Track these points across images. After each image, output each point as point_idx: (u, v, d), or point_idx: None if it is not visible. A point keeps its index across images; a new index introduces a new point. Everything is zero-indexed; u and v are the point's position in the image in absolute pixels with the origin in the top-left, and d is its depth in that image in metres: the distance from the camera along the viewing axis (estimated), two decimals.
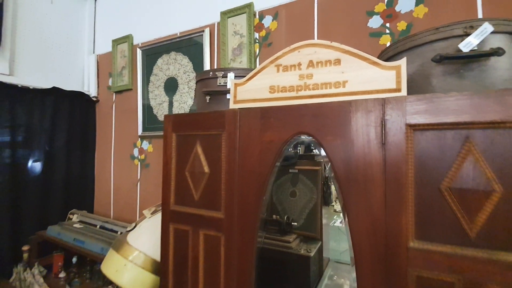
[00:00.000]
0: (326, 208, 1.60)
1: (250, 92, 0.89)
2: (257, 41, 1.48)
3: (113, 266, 1.11)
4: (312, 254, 1.42)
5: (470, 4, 1.02)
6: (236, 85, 0.91)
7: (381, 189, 0.66)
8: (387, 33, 1.16)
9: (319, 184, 1.52)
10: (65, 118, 1.94)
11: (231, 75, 1.00)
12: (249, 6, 1.46)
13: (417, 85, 0.73)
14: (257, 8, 1.47)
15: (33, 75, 1.83)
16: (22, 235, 1.72)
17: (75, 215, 1.87)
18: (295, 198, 1.57)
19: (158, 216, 1.26)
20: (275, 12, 1.43)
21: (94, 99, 2.12)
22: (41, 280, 1.65)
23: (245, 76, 0.92)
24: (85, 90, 2.11)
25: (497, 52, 0.64)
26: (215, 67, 1.59)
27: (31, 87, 1.77)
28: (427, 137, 0.63)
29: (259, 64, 1.43)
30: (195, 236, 0.95)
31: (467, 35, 0.66)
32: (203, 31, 1.60)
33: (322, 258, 1.48)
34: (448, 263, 0.60)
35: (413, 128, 0.64)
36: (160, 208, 1.28)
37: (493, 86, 0.65)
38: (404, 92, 0.67)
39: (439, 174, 0.61)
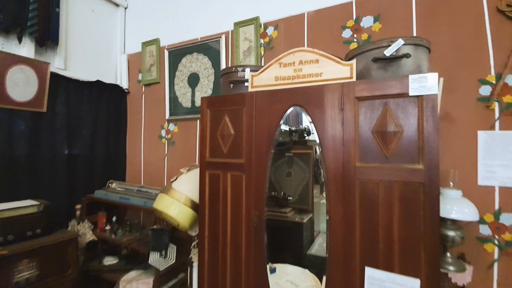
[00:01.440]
0: (317, 186, 2.02)
1: (262, 80, 1.37)
2: (262, 45, 1.96)
3: (163, 203, 1.58)
4: (304, 221, 1.81)
5: (409, 23, 1.52)
6: (252, 76, 1.39)
7: (340, 134, 1.15)
8: (355, 41, 1.65)
9: (311, 165, 1.90)
10: (105, 105, 2.39)
11: (248, 70, 1.47)
12: (256, 19, 1.94)
13: (363, 75, 1.22)
14: (262, 20, 1.95)
15: (80, 70, 2.27)
16: (75, 197, 2.16)
17: (114, 183, 2.32)
18: (291, 177, 1.97)
19: (191, 171, 1.74)
20: (276, 24, 1.91)
21: (126, 90, 2.57)
22: (91, 232, 2.10)
23: (255, 71, 1.40)
24: (117, 83, 2.55)
25: (406, 55, 1.14)
26: (230, 65, 2.06)
27: (80, 80, 2.21)
28: (365, 103, 1.12)
29: (264, 63, 1.92)
30: (225, 176, 1.43)
31: (389, 46, 1.15)
32: (220, 37, 2.07)
33: (313, 227, 1.81)
34: (375, 173, 1.09)
35: (358, 98, 1.12)
36: (189, 168, 1.76)
37: (403, 75, 1.14)
38: (354, 79, 1.16)
39: (372, 124, 1.10)
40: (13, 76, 1.79)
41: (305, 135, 1.76)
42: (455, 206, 1.22)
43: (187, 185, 1.63)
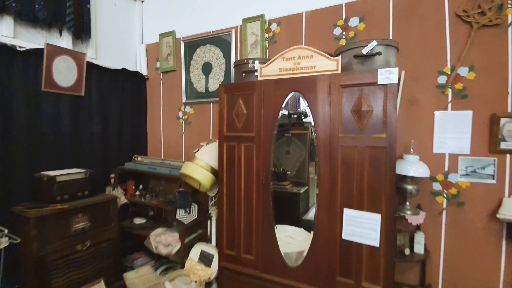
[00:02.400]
0: (312, 162, 2.37)
1: (269, 71, 1.74)
2: (266, 39, 2.30)
3: (189, 169, 1.99)
4: (301, 192, 2.15)
5: (387, 24, 1.88)
6: (261, 67, 1.76)
7: (328, 112, 1.54)
8: (344, 38, 2.01)
9: (307, 144, 2.25)
10: (128, 90, 2.74)
11: (257, 62, 1.84)
12: (262, 16, 2.27)
13: (346, 68, 1.59)
14: (267, 17, 2.28)
15: (108, 59, 2.60)
16: (108, 168, 2.56)
17: (139, 157, 2.72)
18: (289, 155, 2.33)
19: (210, 145, 2.13)
20: (278, 21, 2.25)
21: (146, 77, 2.91)
22: (123, 196, 2.52)
23: (263, 63, 1.77)
24: (138, 70, 2.89)
25: (378, 53, 1.51)
26: (239, 56, 2.41)
27: (108, 68, 2.55)
28: (347, 90, 1.50)
29: (268, 55, 2.27)
30: (239, 147, 1.83)
31: (366, 45, 1.52)
32: (230, 31, 2.40)
33: (308, 198, 2.13)
34: (352, 141, 1.49)
35: (342, 86, 1.51)
36: (208, 142, 2.15)
37: (376, 69, 1.51)
38: (339, 71, 1.54)
39: (351, 105, 1.49)
40: (58, 65, 2.13)
41: (302, 117, 1.97)
42: (413, 167, 1.64)
43: (207, 155, 2.04)
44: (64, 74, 2.19)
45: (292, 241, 1.91)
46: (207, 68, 2.55)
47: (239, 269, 1.84)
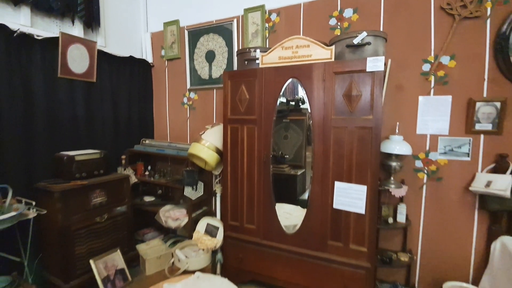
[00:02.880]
0: (309, 147, 2.55)
1: (269, 59, 1.91)
2: (266, 28, 2.45)
3: (196, 149, 2.19)
4: (298, 174, 2.36)
5: (378, 16, 2.03)
6: (262, 55, 1.92)
7: (323, 97, 1.72)
8: (338, 28, 2.17)
9: (304, 129, 2.43)
10: (135, 77, 2.89)
11: (258, 51, 2.00)
12: (262, 6, 2.41)
13: (339, 56, 1.77)
14: (267, 8, 2.42)
15: (116, 47, 2.74)
16: (118, 150, 2.75)
17: (147, 140, 2.91)
18: (287, 140, 2.51)
19: (214, 127, 2.32)
20: (278, 11, 2.39)
21: (151, 64, 3.06)
22: (134, 176, 2.72)
23: (263, 51, 1.93)
24: (143, 58, 3.03)
25: (368, 43, 1.68)
26: (240, 45, 2.56)
27: (117, 55, 2.70)
28: (339, 76, 1.68)
29: (268, 44, 2.42)
30: (242, 129, 2.02)
31: (357, 36, 1.69)
32: (232, 20, 2.54)
33: (305, 180, 2.28)
34: (343, 122, 1.68)
35: (335, 73, 1.68)
36: (212, 125, 2.33)
37: (366, 57, 1.69)
38: (333, 59, 1.71)
39: (343, 90, 1.67)
40: (72, 53, 2.28)
41: (300, 104, 2.14)
42: (397, 146, 1.85)
43: (212, 136, 2.23)
44: (78, 61, 2.34)
45: (290, 216, 2.13)
46: (210, 56, 2.70)
47: (242, 237, 2.07)
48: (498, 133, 1.77)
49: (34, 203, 1.88)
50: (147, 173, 2.77)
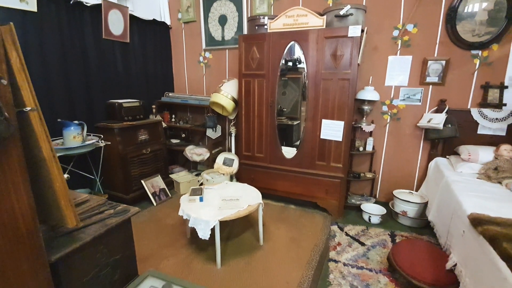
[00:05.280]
0: (304, 102, 3.20)
1: (276, 25, 2.46)
2: None
3: (217, 97, 2.82)
4: (294, 124, 3.04)
5: None
6: (270, 22, 2.47)
7: (316, 56, 2.33)
8: None
9: (300, 86, 3.08)
10: (158, 38, 3.38)
11: (266, 18, 2.53)
12: None
13: (329, 24, 2.33)
14: None
15: (141, 11, 3.18)
16: (149, 101, 3.36)
17: (170, 93, 3.51)
18: (285, 95, 3.13)
19: (230, 81, 2.92)
20: None
21: (169, 27, 3.51)
22: (163, 122, 3.36)
23: (271, 19, 2.47)
24: (162, 20, 3.48)
25: (351, 14, 2.25)
26: (249, 11, 3.04)
27: (143, 19, 3.15)
28: (329, 40, 2.26)
29: (273, 10, 2.92)
30: (253, 81, 2.63)
31: (342, 9, 2.24)
32: None
33: (300, 129, 2.94)
34: (330, 75, 2.31)
35: (325, 37, 2.27)
36: (228, 79, 2.93)
37: (349, 25, 2.26)
38: (324, 26, 2.28)
39: (331, 51, 2.27)
40: (111, 17, 2.75)
41: (297, 63, 2.65)
42: (369, 94, 2.51)
43: (229, 88, 2.85)
44: (116, 24, 2.83)
45: (287, 154, 2.86)
46: (223, 20, 3.19)
47: (253, 163, 2.81)
48: (442, 84, 2.44)
49: (102, 136, 2.55)
50: (173, 119, 3.43)
